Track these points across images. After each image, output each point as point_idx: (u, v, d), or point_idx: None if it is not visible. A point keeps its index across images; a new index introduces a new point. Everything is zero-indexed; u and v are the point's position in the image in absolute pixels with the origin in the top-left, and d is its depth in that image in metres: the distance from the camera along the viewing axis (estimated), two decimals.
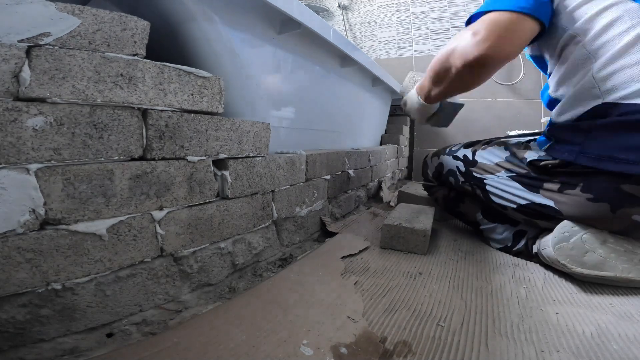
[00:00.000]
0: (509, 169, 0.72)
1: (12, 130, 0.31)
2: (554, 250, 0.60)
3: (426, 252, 0.72)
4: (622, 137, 0.53)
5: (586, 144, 0.57)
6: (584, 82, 0.57)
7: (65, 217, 0.36)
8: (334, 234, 0.82)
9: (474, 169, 0.80)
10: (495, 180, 0.74)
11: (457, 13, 1.84)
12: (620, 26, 0.53)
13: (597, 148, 0.55)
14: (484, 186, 0.77)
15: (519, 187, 0.69)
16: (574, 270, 0.57)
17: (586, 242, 0.58)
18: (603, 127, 0.55)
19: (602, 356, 0.38)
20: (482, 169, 0.78)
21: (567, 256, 0.58)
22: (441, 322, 0.45)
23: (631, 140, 0.51)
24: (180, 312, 0.46)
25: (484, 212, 0.82)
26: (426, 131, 1.98)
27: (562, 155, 0.61)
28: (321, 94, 0.98)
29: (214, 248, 0.53)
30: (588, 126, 0.57)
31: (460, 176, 0.85)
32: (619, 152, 0.53)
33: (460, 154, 0.86)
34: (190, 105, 0.48)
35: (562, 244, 0.59)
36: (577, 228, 0.59)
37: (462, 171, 0.84)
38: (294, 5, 0.67)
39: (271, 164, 0.64)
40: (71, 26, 0.36)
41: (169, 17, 0.58)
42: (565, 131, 0.61)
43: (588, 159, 0.56)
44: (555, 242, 0.60)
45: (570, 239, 0.59)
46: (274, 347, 0.38)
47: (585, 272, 0.57)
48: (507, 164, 0.73)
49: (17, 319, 0.33)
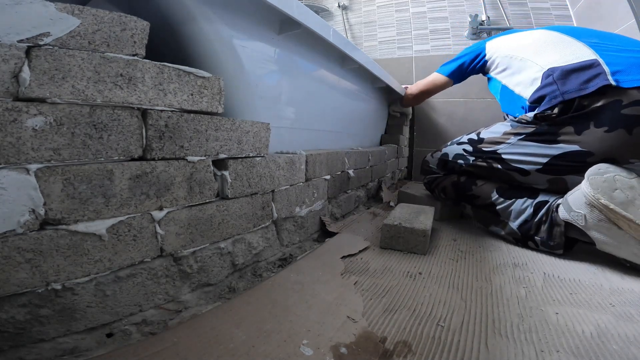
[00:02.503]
0: (518, 133, 0.77)
1: (12, 130, 0.31)
2: (588, 179, 0.64)
3: (426, 252, 0.72)
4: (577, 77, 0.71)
5: (560, 88, 0.71)
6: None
7: (65, 217, 0.36)
8: (334, 234, 0.82)
9: (482, 145, 0.84)
10: (509, 147, 0.79)
11: (457, 13, 1.84)
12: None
13: (569, 86, 0.70)
14: (499, 156, 0.80)
15: (536, 145, 0.75)
16: (602, 201, 0.62)
17: (617, 181, 0.63)
18: (560, 77, 0.72)
19: (601, 356, 0.38)
20: (491, 142, 0.82)
21: (599, 187, 0.63)
22: (441, 322, 0.45)
23: (582, 77, 0.70)
24: (180, 312, 0.46)
25: (500, 190, 0.82)
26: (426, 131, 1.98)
27: (551, 102, 0.71)
28: (321, 94, 0.98)
29: (213, 248, 0.53)
30: (551, 80, 0.73)
31: (469, 156, 0.87)
32: (582, 84, 0.69)
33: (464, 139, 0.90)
34: (190, 105, 0.48)
35: (596, 176, 0.64)
36: (611, 169, 0.65)
37: (471, 151, 0.86)
38: (293, 6, 0.67)
39: (271, 164, 0.64)
40: (71, 26, 0.36)
41: (169, 17, 0.58)
42: (539, 91, 0.75)
43: (570, 93, 0.69)
44: (589, 174, 0.65)
45: (604, 174, 0.64)
46: (274, 347, 0.38)
47: (611, 206, 0.60)
48: (515, 129, 0.78)
49: (17, 319, 0.33)
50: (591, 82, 0.69)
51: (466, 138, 0.91)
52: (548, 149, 0.73)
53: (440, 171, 0.99)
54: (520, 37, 0.92)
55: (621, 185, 0.63)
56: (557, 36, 0.84)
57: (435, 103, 1.92)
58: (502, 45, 0.95)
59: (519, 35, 0.94)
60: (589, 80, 0.69)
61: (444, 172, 0.98)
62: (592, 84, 0.68)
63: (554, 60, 0.77)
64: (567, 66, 0.73)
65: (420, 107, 1.98)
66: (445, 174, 0.98)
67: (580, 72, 0.71)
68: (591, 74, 0.70)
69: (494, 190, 0.83)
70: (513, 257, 0.72)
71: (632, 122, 0.64)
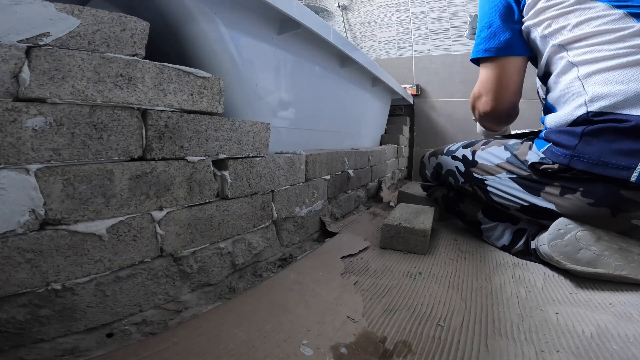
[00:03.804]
0: (510, 171, 0.72)
1: (11, 130, 0.31)
2: (549, 247, 0.61)
3: (426, 252, 0.72)
4: (612, 143, 0.55)
5: (579, 148, 0.58)
6: (572, 88, 0.61)
7: (65, 218, 0.36)
8: (334, 234, 0.82)
9: (474, 169, 0.80)
10: (496, 182, 0.75)
11: (457, 13, 1.84)
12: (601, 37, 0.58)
13: (590, 153, 0.57)
14: (485, 187, 0.77)
15: (520, 189, 0.70)
16: (567, 267, 0.58)
17: (580, 239, 0.59)
18: (592, 133, 0.57)
19: (601, 356, 0.38)
20: (483, 170, 0.78)
21: (561, 253, 0.59)
22: (441, 322, 0.45)
23: (622, 146, 0.53)
24: (180, 312, 0.46)
25: (485, 211, 0.82)
26: (426, 131, 1.98)
27: (557, 158, 0.62)
28: (321, 94, 0.98)
29: (213, 248, 0.53)
30: (580, 131, 0.58)
31: (460, 176, 0.84)
32: (609, 157, 0.55)
33: (459, 154, 0.86)
34: (190, 105, 0.48)
35: (556, 241, 0.60)
36: (572, 225, 0.60)
37: (462, 171, 0.83)
38: (293, 6, 0.67)
39: (271, 164, 0.64)
40: (71, 26, 0.36)
41: (168, 17, 0.58)
42: (559, 134, 0.63)
43: (582, 163, 0.58)
44: (550, 239, 0.61)
45: (565, 236, 0.60)
46: (274, 347, 0.38)
47: (579, 269, 0.57)
48: (508, 166, 0.73)
49: (17, 319, 0.33)
50: (618, 159, 0.53)
51: (461, 154, 0.85)
52: (529, 196, 0.68)
53: (434, 181, 0.99)
54: (583, 10, 0.59)
55: (586, 243, 0.58)
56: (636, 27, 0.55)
57: (435, 103, 1.92)
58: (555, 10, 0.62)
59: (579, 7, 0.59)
60: (616, 153, 0.53)
61: (437, 182, 0.98)
62: (616, 162, 0.53)
63: (608, 87, 0.55)
64: (617, 118, 0.53)
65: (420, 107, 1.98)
66: (438, 184, 0.98)
67: (624, 137, 0.53)
68: (628, 146, 0.52)
69: (480, 211, 0.83)
70: (513, 257, 0.72)
71: (623, 206, 0.56)
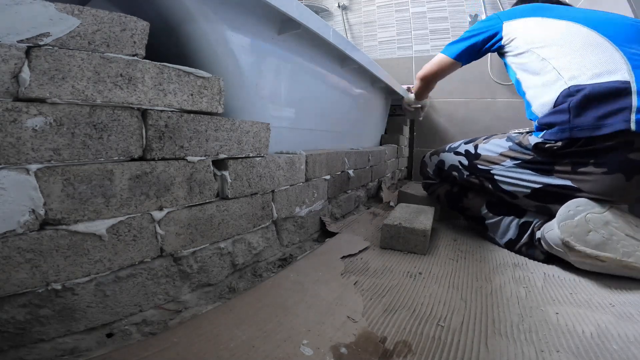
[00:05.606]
0: (515, 157, 0.74)
1: (12, 130, 0.31)
2: (559, 226, 0.61)
3: (426, 252, 0.72)
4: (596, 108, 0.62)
5: (574, 121, 0.64)
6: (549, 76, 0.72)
7: (65, 218, 0.36)
8: (334, 234, 0.82)
9: (478, 161, 0.81)
10: (502, 170, 0.76)
11: (457, 13, 1.84)
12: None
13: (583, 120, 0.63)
14: (492, 176, 0.78)
15: (530, 173, 0.71)
16: (577, 248, 0.59)
17: (590, 221, 0.60)
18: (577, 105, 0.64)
19: (601, 356, 0.38)
20: (487, 161, 0.79)
21: (571, 233, 0.60)
22: (441, 322, 0.45)
23: (602, 109, 0.61)
24: (180, 312, 0.46)
25: (489, 205, 0.82)
26: (426, 131, 1.98)
27: (558, 135, 0.66)
28: (321, 94, 0.98)
29: (213, 248, 0.53)
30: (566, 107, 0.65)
31: (464, 170, 0.85)
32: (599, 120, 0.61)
33: (461, 149, 0.87)
34: (190, 105, 0.48)
35: (566, 222, 0.61)
36: (581, 208, 0.61)
37: (466, 165, 0.84)
38: (293, 6, 0.67)
39: (271, 164, 0.64)
40: (71, 26, 0.36)
41: (168, 17, 0.58)
42: (550, 116, 0.68)
43: (583, 131, 0.63)
44: (560, 220, 0.62)
45: (575, 217, 0.61)
46: (274, 347, 0.38)
47: (588, 251, 0.58)
48: (512, 153, 0.75)
49: (17, 319, 0.33)
50: (609, 119, 0.60)
51: (464, 149, 0.87)
52: (541, 178, 0.70)
53: (436, 178, 0.99)
54: (546, 25, 0.77)
55: (595, 225, 0.59)
56: (592, 36, 0.69)
57: (435, 103, 1.92)
58: (523, 31, 0.80)
59: (543, 23, 0.78)
60: (607, 115, 0.60)
61: (439, 179, 0.98)
62: (609, 121, 0.60)
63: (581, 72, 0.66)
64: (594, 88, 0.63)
65: None
66: (440, 181, 0.98)
67: (605, 100, 0.61)
68: (614, 107, 0.60)
69: (484, 205, 0.83)
70: (513, 257, 0.72)
71: (635, 168, 0.59)
